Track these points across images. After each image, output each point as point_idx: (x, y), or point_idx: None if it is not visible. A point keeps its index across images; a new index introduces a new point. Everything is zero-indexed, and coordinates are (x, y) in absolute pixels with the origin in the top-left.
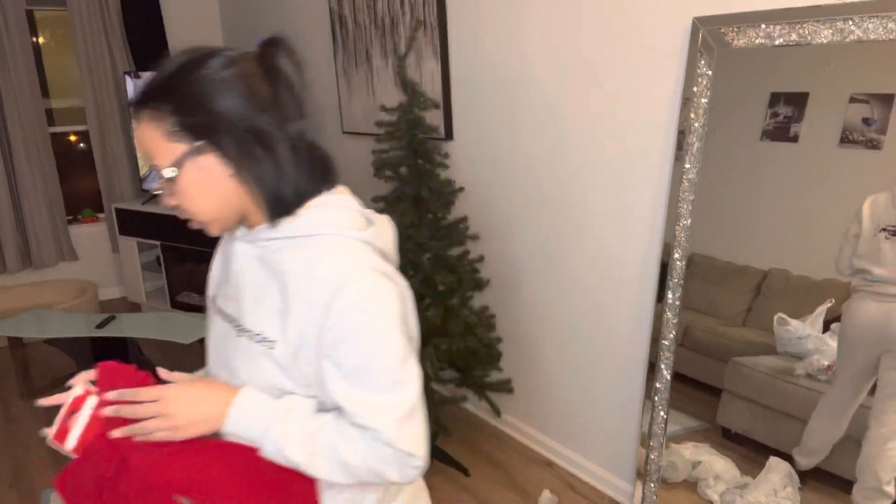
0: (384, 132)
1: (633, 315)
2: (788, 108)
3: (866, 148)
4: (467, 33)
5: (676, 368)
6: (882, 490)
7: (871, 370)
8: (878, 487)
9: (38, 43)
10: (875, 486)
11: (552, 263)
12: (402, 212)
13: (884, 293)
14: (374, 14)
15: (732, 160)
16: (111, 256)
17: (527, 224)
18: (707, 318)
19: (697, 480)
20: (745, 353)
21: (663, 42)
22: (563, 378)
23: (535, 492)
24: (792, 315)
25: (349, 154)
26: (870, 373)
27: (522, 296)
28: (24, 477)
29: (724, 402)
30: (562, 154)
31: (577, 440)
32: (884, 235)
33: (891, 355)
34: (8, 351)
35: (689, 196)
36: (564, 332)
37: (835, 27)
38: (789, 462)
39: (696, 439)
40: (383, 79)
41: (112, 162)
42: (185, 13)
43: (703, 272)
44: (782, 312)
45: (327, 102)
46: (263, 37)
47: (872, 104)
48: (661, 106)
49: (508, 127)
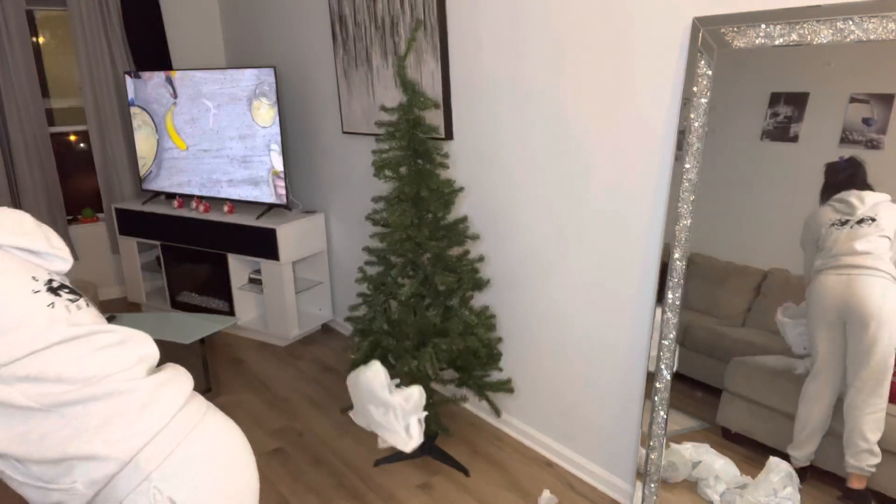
0: (384, 132)
1: (633, 315)
2: (788, 108)
3: (866, 148)
4: (467, 33)
5: (676, 368)
6: (872, 450)
7: (841, 345)
8: (869, 448)
9: (38, 43)
10: (866, 447)
11: (552, 263)
12: (402, 212)
13: (841, 265)
14: (374, 14)
15: (732, 160)
16: (111, 256)
17: (527, 224)
18: (707, 318)
19: (697, 480)
20: (745, 353)
21: (663, 42)
22: (563, 378)
23: (535, 492)
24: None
25: (349, 154)
26: (841, 348)
27: (522, 296)
28: None
29: (724, 402)
30: (562, 154)
31: (577, 440)
32: (833, 228)
33: (854, 323)
34: None
35: (689, 196)
36: (564, 331)
37: (835, 27)
38: (788, 462)
39: (696, 439)
40: (383, 79)
41: (112, 162)
42: (185, 13)
43: (703, 272)
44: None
45: (327, 102)
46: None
47: (872, 104)
48: (661, 106)
49: (508, 127)
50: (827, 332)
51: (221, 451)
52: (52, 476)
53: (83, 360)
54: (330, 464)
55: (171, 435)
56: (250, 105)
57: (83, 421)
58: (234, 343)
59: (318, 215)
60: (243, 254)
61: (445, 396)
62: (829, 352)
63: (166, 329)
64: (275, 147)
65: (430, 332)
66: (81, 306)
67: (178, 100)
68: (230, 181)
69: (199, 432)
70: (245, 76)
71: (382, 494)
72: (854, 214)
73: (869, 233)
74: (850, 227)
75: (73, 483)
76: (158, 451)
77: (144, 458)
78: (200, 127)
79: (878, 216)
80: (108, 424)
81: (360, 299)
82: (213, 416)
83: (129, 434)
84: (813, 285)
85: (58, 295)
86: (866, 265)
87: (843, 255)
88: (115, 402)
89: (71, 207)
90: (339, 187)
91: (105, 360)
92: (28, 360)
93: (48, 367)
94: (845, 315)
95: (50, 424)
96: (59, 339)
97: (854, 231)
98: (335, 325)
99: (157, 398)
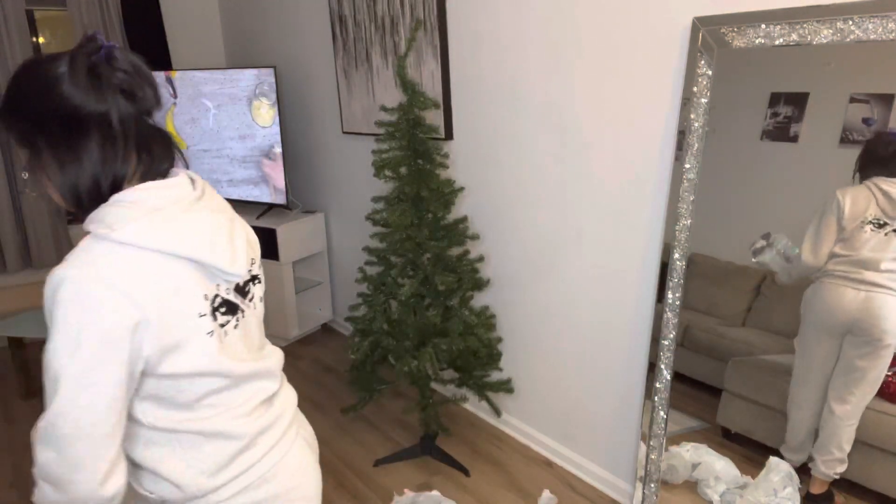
0: (384, 132)
1: (633, 315)
2: (788, 108)
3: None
4: (467, 33)
5: (676, 368)
6: (843, 460)
7: (834, 354)
8: (841, 458)
9: (38, 43)
10: (839, 456)
11: (552, 263)
12: (402, 212)
13: (861, 280)
14: (374, 14)
15: (732, 160)
16: None
17: (527, 224)
18: (707, 318)
19: (697, 481)
20: (745, 353)
21: (663, 42)
22: (564, 378)
23: (535, 492)
24: (791, 314)
25: (349, 154)
26: (833, 357)
27: (522, 296)
28: (24, 477)
29: (724, 402)
30: (562, 154)
31: (577, 440)
32: (870, 227)
33: (854, 338)
34: (8, 351)
35: (689, 196)
36: (564, 332)
37: (835, 27)
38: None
39: (696, 439)
40: (383, 79)
41: None
42: (185, 13)
43: (703, 272)
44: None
45: (327, 102)
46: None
47: (872, 104)
48: (661, 106)
49: (508, 127)
50: (827, 342)
51: (292, 490)
52: (139, 477)
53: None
54: (330, 464)
55: (248, 479)
56: (250, 105)
57: (177, 445)
58: None
59: (318, 215)
60: None
61: (445, 396)
62: (824, 360)
63: None
64: (275, 147)
65: (430, 332)
66: (231, 328)
67: (178, 100)
68: (230, 181)
69: (275, 472)
70: (245, 76)
71: (382, 494)
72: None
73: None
74: (885, 233)
75: (150, 495)
76: (229, 492)
77: (215, 499)
78: (200, 127)
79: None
80: (197, 454)
81: (360, 299)
82: (297, 451)
83: (213, 475)
84: (823, 292)
85: (214, 318)
86: (888, 286)
87: (865, 270)
88: (216, 442)
89: None
90: (339, 187)
91: (229, 399)
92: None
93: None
94: (853, 329)
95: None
96: (205, 382)
97: (888, 240)
98: (335, 325)
99: (255, 443)
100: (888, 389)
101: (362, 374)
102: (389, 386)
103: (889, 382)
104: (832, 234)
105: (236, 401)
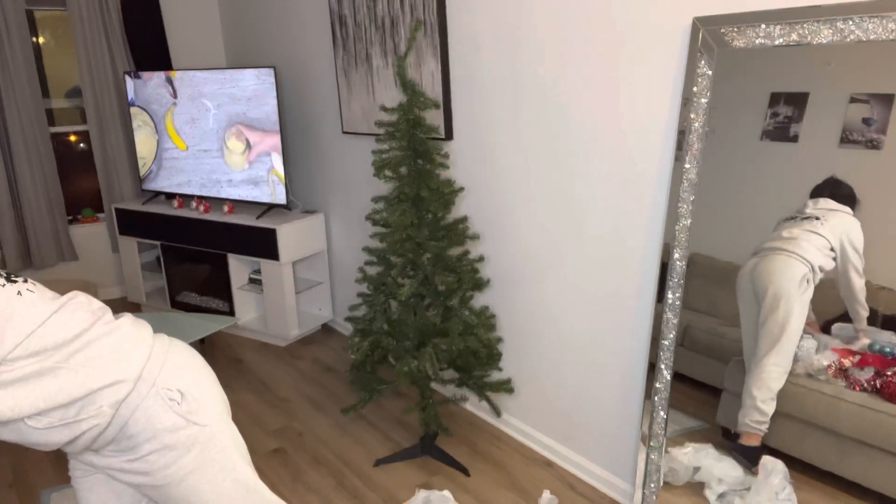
0: (384, 132)
1: (633, 315)
2: (788, 108)
3: (866, 148)
4: (467, 33)
5: (676, 368)
6: (757, 407)
7: (756, 317)
8: (754, 405)
9: (38, 43)
10: (750, 404)
11: (552, 263)
12: (402, 212)
13: (765, 248)
14: (374, 14)
15: (732, 160)
16: (111, 256)
17: (527, 224)
18: (707, 318)
19: (698, 481)
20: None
21: (663, 42)
22: (563, 378)
23: (535, 492)
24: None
25: (349, 154)
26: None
27: (522, 296)
28: (24, 477)
29: (724, 402)
30: (562, 154)
31: (577, 440)
32: (783, 221)
33: (759, 294)
34: None
35: (689, 196)
36: (564, 332)
37: (835, 27)
38: (773, 452)
39: (696, 439)
40: (383, 79)
41: (112, 162)
42: (185, 13)
43: (703, 272)
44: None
45: (327, 102)
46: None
47: (872, 104)
48: (661, 106)
49: (508, 127)
50: (752, 305)
51: (195, 356)
52: (79, 410)
53: (69, 323)
54: (330, 464)
55: (159, 352)
56: (222, 150)
57: (91, 365)
58: (234, 343)
59: (318, 215)
60: (243, 254)
61: (445, 396)
62: (748, 326)
63: (166, 329)
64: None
65: (430, 333)
66: (34, 284)
67: (178, 100)
68: (230, 181)
69: (173, 349)
70: (245, 76)
71: (382, 494)
72: (803, 213)
73: (805, 226)
74: (795, 221)
75: (100, 407)
76: (156, 363)
77: (148, 372)
78: (200, 127)
79: (824, 218)
80: (114, 358)
81: (360, 299)
82: (177, 340)
83: (133, 359)
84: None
85: (13, 282)
86: (786, 248)
87: (771, 241)
88: (109, 341)
89: (71, 207)
90: (339, 187)
91: (82, 317)
92: (28, 341)
93: (47, 340)
94: (756, 288)
95: (63, 379)
96: (48, 315)
97: (796, 223)
98: (335, 325)
99: (138, 329)
100: (888, 389)
101: (362, 374)
102: (389, 386)
103: (889, 382)
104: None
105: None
